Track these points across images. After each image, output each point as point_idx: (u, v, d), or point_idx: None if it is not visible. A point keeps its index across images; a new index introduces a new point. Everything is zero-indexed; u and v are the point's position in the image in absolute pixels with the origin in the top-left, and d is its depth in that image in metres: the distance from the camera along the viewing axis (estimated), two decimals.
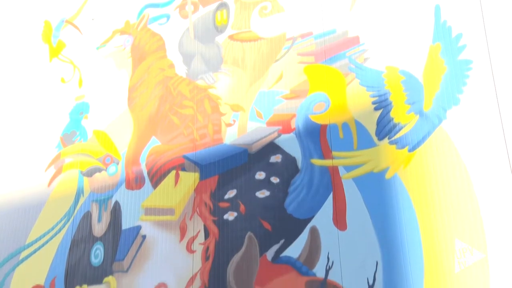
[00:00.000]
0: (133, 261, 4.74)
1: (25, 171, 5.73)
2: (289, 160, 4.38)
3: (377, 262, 3.77)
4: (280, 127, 4.51)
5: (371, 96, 4.20)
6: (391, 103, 4.10)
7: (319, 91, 4.45)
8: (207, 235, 4.50)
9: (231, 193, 4.52)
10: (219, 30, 5.24)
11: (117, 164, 5.22)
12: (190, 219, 4.61)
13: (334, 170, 4.15)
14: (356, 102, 4.25)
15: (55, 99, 5.93)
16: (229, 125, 4.78)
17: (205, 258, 4.42)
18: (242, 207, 4.42)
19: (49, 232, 5.27)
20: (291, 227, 4.16)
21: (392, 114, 4.07)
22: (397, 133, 4.00)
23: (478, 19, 3.98)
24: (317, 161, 4.25)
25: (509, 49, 3.81)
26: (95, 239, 5.00)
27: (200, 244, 4.50)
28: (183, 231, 4.61)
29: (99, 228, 5.03)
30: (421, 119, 3.95)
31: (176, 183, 4.81)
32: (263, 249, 4.21)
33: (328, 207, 4.08)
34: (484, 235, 3.50)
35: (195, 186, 4.70)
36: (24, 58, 6.39)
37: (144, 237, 4.77)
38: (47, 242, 5.25)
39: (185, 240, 4.57)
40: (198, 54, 5.27)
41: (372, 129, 4.11)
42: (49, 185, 5.51)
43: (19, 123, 6.06)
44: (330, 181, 4.13)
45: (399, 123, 4.02)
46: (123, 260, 4.78)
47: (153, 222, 4.79)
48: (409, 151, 3.92)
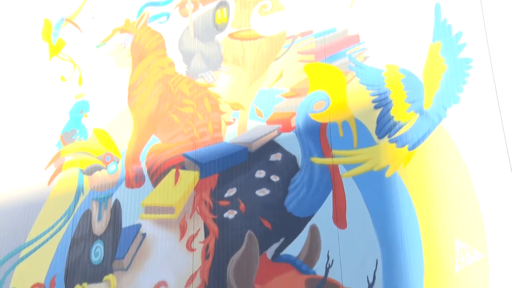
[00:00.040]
0: (133, 259, 4.74)
1: (25, 169, 5.73)
2: (289, 158, 4.38)
3: (377, 260, 3.77)
4: (280, 126, 4.51)
5: (371, 94, 4.19)
6: (391, 102, 4.10)
7: (319, 90, 4.44)
8: (207, 234, 4.50)
9: (231, 192, 4.52)
10: (219, 28, 5.23)
11: (117, 162, 5.21)
12: (190, 218, 4.61)
13: (334, 168, 4.15)
14: (356, 100, 4.25)
15: (55, 98, 5.93)
16: (229, 123, 4.78)
17: (205, 256, 4.42)
18: (242, 206, 4.42)
19: (49, 230, 5.27)
20: (291, 226, 4.16)
21: (392, 112, 4.07)
22: (397, 131, 4.00)
23: (478, 18, 3.98)
24: (317, 160, 4.25)
25: (509, 47, 3.81)
26: (95, 238, 5.00)
27: (200, 242, 4.50)
28: (183, 229, 4.61)
29: (99, 226, 5.03)
30: (421, 117, 3.95)
31: (176, 181, 4.81)
32: (263, 248, 4.21)
33: (328, 205, 4.07)
34: (484, 235, 3.49)
35: (195, 184, 4.70)
36: (24, 56, 6.38)
37: (144, 235, 4.77)
38: (47, 240, 5.25)
39: (185, 238, 4.57)
40: (198, 52, 5.26)
41: (372, 127, 4.11)
42: (49, 183, 5.51)
43: (19, 121, 6.06)
44: (330, 180, 4.13)
45: (399, 122, 4.01)
46: (123, 258, 4.78)
47: (153, 220, 4.79)
48: (409, 149, 3.92)
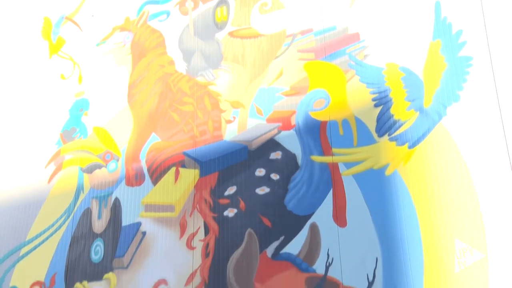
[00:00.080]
0: (133, 257, 4.74)
1: (25, 167, 5.73)
2: (289, 156, 4.38)
3: (377, 258, 3.77)
4: (280, 124, 4.51)
5: (371, 92, 4.19)
6: (391, 100, 4.10)
7: (319, 88, 4.44)
8: (207, 232, 4.50)
9: (231, 190, 4.52)
10: (219, 26, 5.23)
11: (117, 160, 5.21)
12: (190, 216, 4.61)
13: (334, 166, 4.15)
14: (356, 98, 4.25)
15: (55, 96, 5.92)
16: (229, 121, 4.78)
17: (205, 254, 4.43)
18: (242, 204, 4.42)
19: (49, 228, 5.27)
20: (291, 224, 4.16)
21: (392, 110, 4.07)
22: (397, 129, 4.00)
23: (478, 16, 3.97)
24: (317, 158, 4.25)
25: (510, 45, 3.81)
26: (95, 236, 5.00)
27: (200, 240, 4.50)
28: (183, 227, 4.61)
29: (99, 224, 5.03)
30: (421, 115, 3.95)
31: (176, 179, 4.81)
32: (263, 246, 4.21)
33: (328, 203, 4.08)
34: (484, 235, 3.49)
35: (195, 182, 4.70)
36: (23, 54, 6.37)
37: (144, 233, 4.77)
38: (47, 238, 5.25)
39: (185, 236, 4.57)
40: (198, 50, 5.26)
41: (372, 125, 4.11)
42: (49, 181, 5.51)
43: (19, 120, 6.05)
44: (330, 178, 4.13)
45: (399, 120, 4.01)
46: (123, 256, 4.78)
47: (153, 218, 4.79)
48: (409, 147, 3.92)
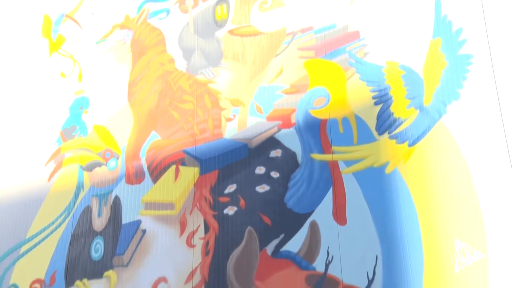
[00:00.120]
0: (133, 255, 4.74)
1: (25, 165, 5.73)
2: (289, 154, 4.38)
3: (376, 256, 3.77)
4: (280, 122, 4.51)
5: (371, 90, 4.19)
6: (391, 98, 4.09)
7: (319, 86, 4.44)
8: (207, 230, 4.50)
9: (231, 188, 4.52)
10: (219, 24, 5.23)
11: (117, 158, 5.21)
12: (190, 214, 4.62)
13: (334, 164, 4.15)
14: (356, 96, 4.24)
15: (55, 94, 5.92)
16: (229, 119, 4.78)
17: (205, 252, 4.43)
18: (242, 202, 4.42)
19: (49, 226, 5.28)
20: (291, 222, 4.16)
21: (392, 108, 4.06)
22: (397, 127, 4.00)
23: (478, 14, 3.97)
24: (317, 156, 4.25)
25: (510, 43, 3.80)
26: (95, 234, 5.00)
27: (200, 238, 4.50)
28: (183, 225, 4.61)
29: (99, 222, 5.04)
30: (421, 113, 3.95)
31: (176, 177, 4.81)
32: (263, 244, 4.21)
33: (328, 201, 4.08)
34: (484, 234, 3.49)
35: (195, 180, 4.70)
36: (23, 52, 6.37)
37: (144, 231, 4.78)
38: (47, 236, 5.25)
39: (185, 234, 4.57)
40: (198, 48, 5.26)
41: (372, 123, 4.11)
42: (49, 179, 5.51)
43: (19, 118, 6.05)
44: (330, 176, 4.14)
45: (399, 118, 4.01)
46: (123, 254, 4.78)
47: (153, 216, 4.79)
48: (409, 145, 3.92)
